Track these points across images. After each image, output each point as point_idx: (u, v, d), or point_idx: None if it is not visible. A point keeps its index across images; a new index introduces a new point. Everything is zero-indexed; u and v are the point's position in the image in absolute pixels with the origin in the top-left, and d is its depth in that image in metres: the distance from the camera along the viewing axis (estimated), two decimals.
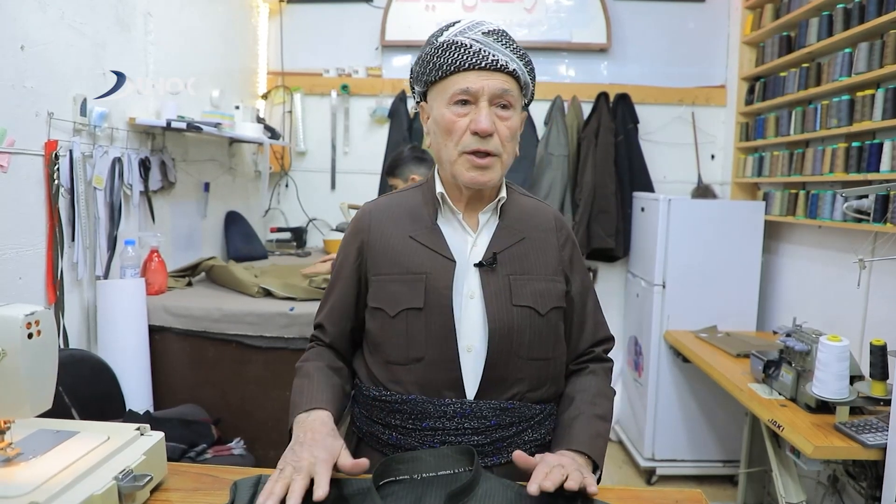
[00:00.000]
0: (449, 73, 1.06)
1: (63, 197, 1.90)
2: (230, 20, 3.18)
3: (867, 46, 2.31)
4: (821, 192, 2.59)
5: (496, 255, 1.10)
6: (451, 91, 1.06)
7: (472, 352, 1.08)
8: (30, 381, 0.86)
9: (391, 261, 1.12)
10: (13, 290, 1.72)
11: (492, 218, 1.16)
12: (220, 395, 2.14)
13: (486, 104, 1.05)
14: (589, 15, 3.53)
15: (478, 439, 1.06)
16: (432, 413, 1.06)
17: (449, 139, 1.08)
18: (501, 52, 1.06)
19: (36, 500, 0.77)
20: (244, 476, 0.97)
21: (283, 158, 3.65)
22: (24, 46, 1.71)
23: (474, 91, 1.05)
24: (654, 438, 3.09)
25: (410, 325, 1.08)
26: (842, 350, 1.79)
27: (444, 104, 1.07)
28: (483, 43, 1.05)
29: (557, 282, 1.14)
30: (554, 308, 1.12)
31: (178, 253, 2.68)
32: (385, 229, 1.15)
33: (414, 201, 1.18)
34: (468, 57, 1.04)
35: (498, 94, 1.06)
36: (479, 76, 1.05)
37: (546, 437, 1.14)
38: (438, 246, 1.11)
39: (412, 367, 1.08)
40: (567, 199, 3.45)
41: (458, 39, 1.05)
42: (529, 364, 1.10)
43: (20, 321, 0.84)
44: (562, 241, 1.19)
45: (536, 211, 1.21)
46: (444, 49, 1.06)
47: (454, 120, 1.06)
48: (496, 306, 1.07)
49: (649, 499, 0.97)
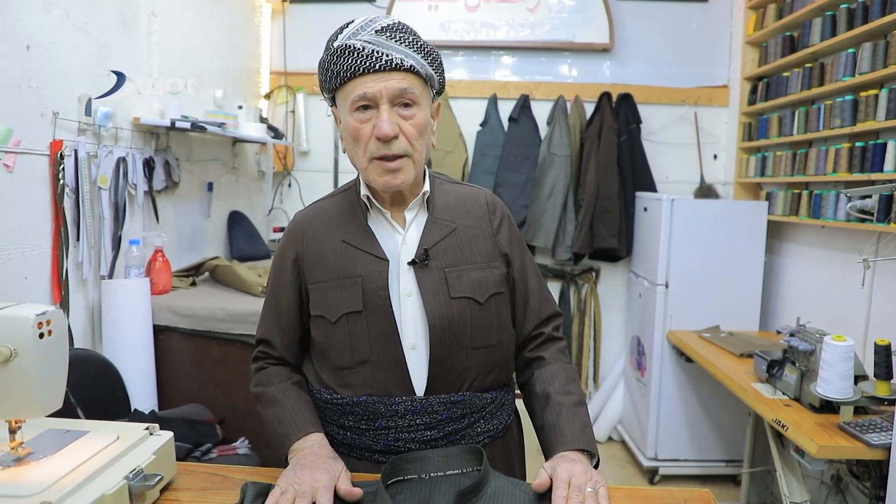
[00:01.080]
0: (346, 80, 1.03)
1: (68, 197, 1.90)
2: (233, 20, 3.18)
3: (871, 47, 2.31)
4: (824, 192, 2.59)
5: (427, 251, 1.10)
6: (350, 98, 1.03)
7: (417, 349, 1.08)
8: (41, 381, 0.87)
9: (326, 267, 1.12)
10: (19, 289, 1.72)
11: (419, 213, 1.15)
12: (225, 394, 2.14)
13: (386, 107, 1.02)
14: (591, 15, 3.52)
15: (430, 434, 1.07)
16: (383, 413, 1.07)
17: (357, 146, 1.06)
18: (396, 49, 1.02)
19: (48, 499, 0.78)
20: (253, 476, 0.97)
21: (286, 158, 3.65)
22: (30, 46, 1.72)
23: (372, 95, 1.02)
24: (657, 438, 3.10)
25: (352, 329, 1.08)
26: (846, 350, 1.80)
27: (348, 111, 1.05)
28: (376, 43, 1.01)
29: (494, 267, 1.14)
30: (493, 295, 1.12)
31: (181, 253, 2.68)
32: (318, 236, 1.14)
33: (343, 205, 1.17)
34: (361, 61, 1.01)
35: (397, 94, 1.02)
36: (375, 79, 1.01)
37: (499, 427, 1.14)
38: (370, 247, 1.11)
39: (359, 371, 1.08)
40: (570, 199, 3.45)
41: (350, 43, 1.01)
42: (475, 353, 1.10)
43: (31, 321, 0.85)
44: (496, 224, 1.18)
45: (467, 197, 1.20)
46: (338, 55, 1.02)
47: (358, 127, 1.04)
48: (434, 302, 1.08)
49: (658, 498, 0.97)
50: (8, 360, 0.84)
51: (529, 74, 3.64)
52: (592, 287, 3.66)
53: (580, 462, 1.00)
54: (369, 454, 1.09)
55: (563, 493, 0.91)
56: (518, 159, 3.49)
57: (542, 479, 0.95)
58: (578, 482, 0.93)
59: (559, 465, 0.97)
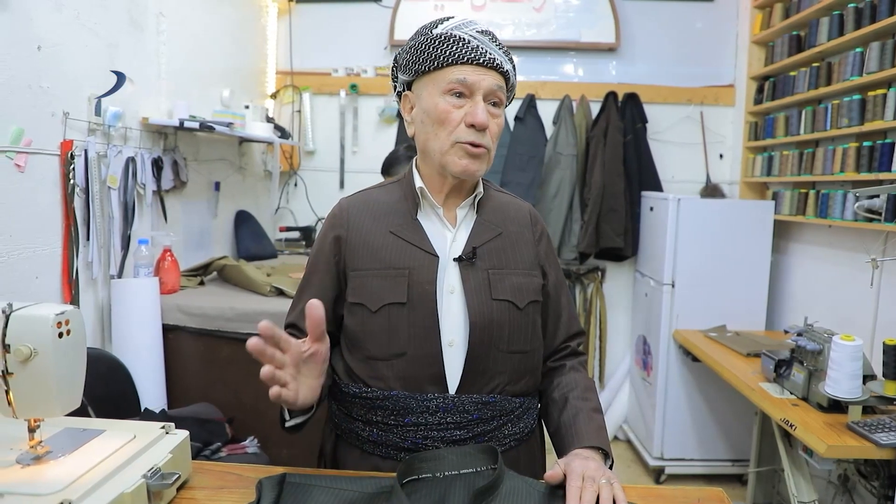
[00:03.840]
0: (446, 65, 1.06)
1: (78, 196, 1.90)
2: (240, 20, 3.19)
3: (879, 46, 2.30)
4: (831, 192, 2.59)
5: (475, 249, 1.11)
6: (447, 81, 1.05)
7: (454, 346, 1.08)
8: (60, 381, 0.87)
9: (371, 256, 1.11)
10: (30, 288, 1.73)
11: (469, 213, 1.16)
12: (233, 393, 2.15)
13: (481, 99, 1.06)
14: (597, 14, 3.53)
15: (460, 434, 1.06)
16: (415, 409, 1.06)
17: (441, 129, 1.07)
18: (496, 51, 1.07)
19: (68, 497, 0.78)
20: (267, 475, 0.97)
21: (292, 158, 3.66)
22: (41, 47, 1.72)
23: (471, 84, 1.05)
24: (663, 437, 3.10)
25: (392, 321, 1.08)
26: (855, 349, 1.80)
27: (438, 94, 1.06)
28: (480, 40, 1.06)
29: (534, 276, 1.15)
30: (531, 302, 1.13)
31: (189, 252, 2.69)
32: (363, 225, 1.14)
33: (392, 196, 1.17)
34: (467, 51, 1.04)
35: (492, 90, 1.06)
36: (475, 71, 1.05)
37: (525, 431, 1.15)
38: (420, 241, 1.11)
39: (394, 363, 1.08)
40: (576, 199, 3.45)
41: (455, 33, 1.05)
42: (509, 357, 1.11)
43: (51, 320, 0.85)
44: (537, 235, 1.20)
45: (512, 206, 1.22)
46: (441, 41, 1.05)
47: (449, 110, 1.06)
48: (476, 300, 1.08)
49: (671, 497, 0.97)
50: (28, 360, 0.84)
51: (535, 74, 3.64)
52: (598, 286, 3.66)
53: (594, 459, 1.00)
54: (395, 452, 1.08)
55: (577, 483, 0.91)
56: (524, 158, 3.49)
57: (554, 471, 0.95)
58: (592, 475, 0.93)
59: (573, 461, 0.98)
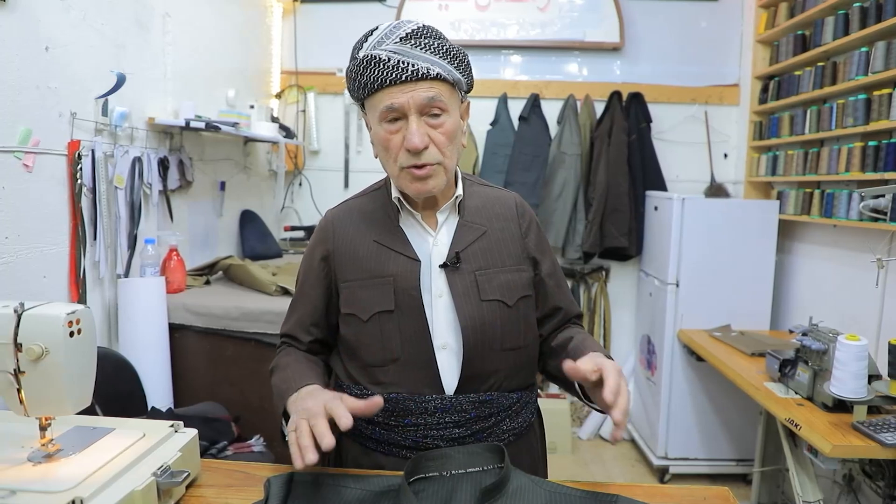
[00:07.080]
0: (372, 91, 1.02)
1: (85, 196, 1.91)
2: (245, 20, 3.20)
3: (884, 45, 2.30)
4: (836, 192, 2.59)
5: (458, 254, 1.11)
6: (378, 109, 1.03)
7: (447, 349, 1.09)
8: (71, 379, 0.88)
9: (358, 266, 1.13)
10: (38, 288, 1.74)
11: (451, 216, 1.16)
12: (239, 392, 2.16)
13: (415, 118, 1.01)
14: (602, 14, 3.52)
15: (458, 432, 1.09)
16: (413, 410, 1.09)
17: (388, 156, 1.07)
18: (421, 58, 1.00)
19: (79, 495, 0.79)
20: (275, 473, 0.98)
21: (297, 157, 3.67)
22: (49, 48, 1.73)
23: (399, 106, 1.01)
24: (667, 437, 3.10)
25: (384, 328, 1.09)
26: (860, 349, 1.80)
27: (377, 121, 1.05)
28: (400, 53, 1.00)
29: (523, 271, 1.16)
30: (521, 298, 1.14)
31: (194, 251, 2.70)
32: (349, 235, 1.15)
33: (375, 204, 1.18)
34: (387, 73, 0.99)
35: (425, 104, 1.01)
36: (402, 90, 1.00)
37: (523, 425, 1.17)
38: (402, 247, 1.12)
39: (389, 368, 1.10)
40: (580, 198, 3.45)
41: (374, 54, 1.00)
42: (504, 355, 1.12)
43: (62, 319, 0.86)
44: (524, 227, 1.20)
45: (496, 200, 1.21)
46: (364, 66, 1.01)
47: (388, 138, 1.04)
48: (465, 304, 1.09)
49: (677, 496, 0.98)
50: (39, 359, 0.85)
51: (539, 73, 3.64)
52: (602, 286, 3.66)
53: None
54: (397, 450, 1.11)
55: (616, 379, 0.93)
56: (528, 158, 3.49)
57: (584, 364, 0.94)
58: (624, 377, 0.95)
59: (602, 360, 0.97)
